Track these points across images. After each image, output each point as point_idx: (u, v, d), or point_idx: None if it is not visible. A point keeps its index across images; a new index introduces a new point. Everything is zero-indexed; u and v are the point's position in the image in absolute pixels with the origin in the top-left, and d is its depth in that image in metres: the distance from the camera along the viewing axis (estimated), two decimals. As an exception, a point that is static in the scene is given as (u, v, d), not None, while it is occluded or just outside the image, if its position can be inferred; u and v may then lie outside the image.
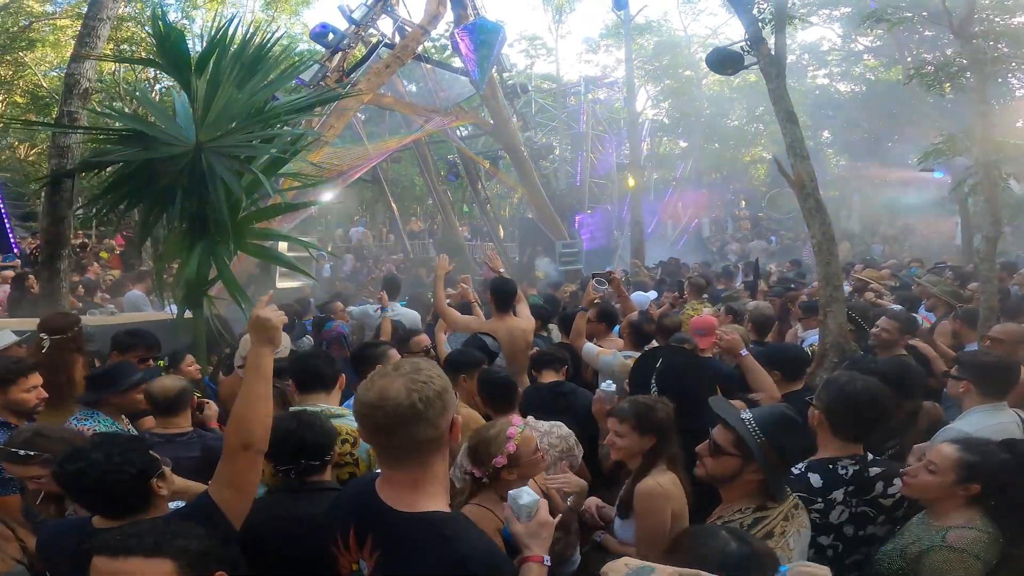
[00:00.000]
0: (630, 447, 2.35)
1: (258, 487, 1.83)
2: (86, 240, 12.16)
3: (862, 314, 4.39)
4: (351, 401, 3.14)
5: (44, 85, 15.74)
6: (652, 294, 6.86)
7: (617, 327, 4.58)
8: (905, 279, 7.09)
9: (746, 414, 1.95)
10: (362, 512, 1.39)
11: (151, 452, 1.78)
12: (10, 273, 8.81)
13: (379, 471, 1.43)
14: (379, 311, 4.87)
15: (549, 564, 1.51)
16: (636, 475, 2.33)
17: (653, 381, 2.85)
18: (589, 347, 3.96)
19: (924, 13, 6.94)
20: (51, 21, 16.11)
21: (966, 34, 5.06)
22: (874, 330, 3.76)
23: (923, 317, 5.42)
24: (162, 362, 4.30)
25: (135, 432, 2.99)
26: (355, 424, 2.17)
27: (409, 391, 1.30)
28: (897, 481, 2.08)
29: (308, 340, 5.09)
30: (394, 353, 3.06)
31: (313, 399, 2.65)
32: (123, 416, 2.98)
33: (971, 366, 2.68)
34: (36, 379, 2.73)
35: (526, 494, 1.53)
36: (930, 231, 17.96)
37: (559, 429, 2.79)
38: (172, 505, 1.84)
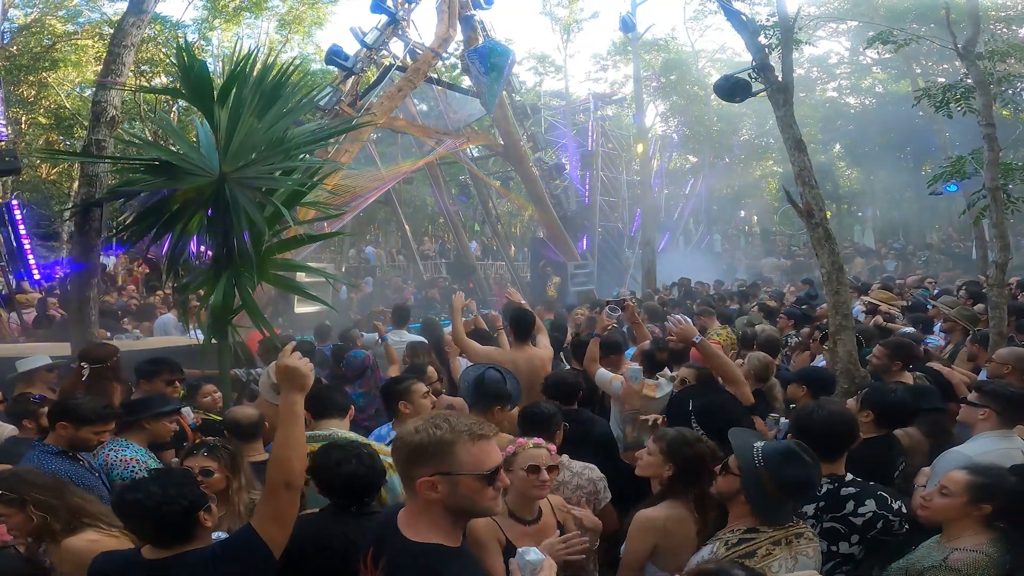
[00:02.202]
0: (651, 466, 2.47)
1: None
2: (104, 262, 12.37)
3: (866, 338, 4.43)
4: (380, 431, 3.25)
5: (67, 105, 16.09)
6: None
7: (632, 350, 4.64)
8: (918, 299, 7.08)
9: (760, 443, 2.10)
10: (382, 536, 1.57)
11: (199, 488, 1.94)
12: (35, 296, 9.04)
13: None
14: (379, 341, 4.97)
15: None
16: (648, 501, 2.43)
17: (692, 416, 2.92)
18: (602, 373, 4.00)
19: (932, 24, 6.98)
20: (73, 41, 16.42)
21: (971, 55, 5.12)
22: (869, 357, 3.90)
23: (941, 337, 5.45)
24: (182, 391, 4.42)
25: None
26: (387, 457, 2.30)
27: (407, 433, 1.53)
28: (869, 502, 2.25)
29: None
30: (419, 387, 3.14)
31: (326, 424, 2.80)
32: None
33: (996, 396, 2.74)
34: (110, 426, 2.83)
35: (533, 552, 1.62)
36: (946, 246, 17.82)
37: (591, 472, 2.83)
38: (215, 535, 1.98)
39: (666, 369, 3.84)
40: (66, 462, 2.68)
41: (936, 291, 7.94)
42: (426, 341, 5.31)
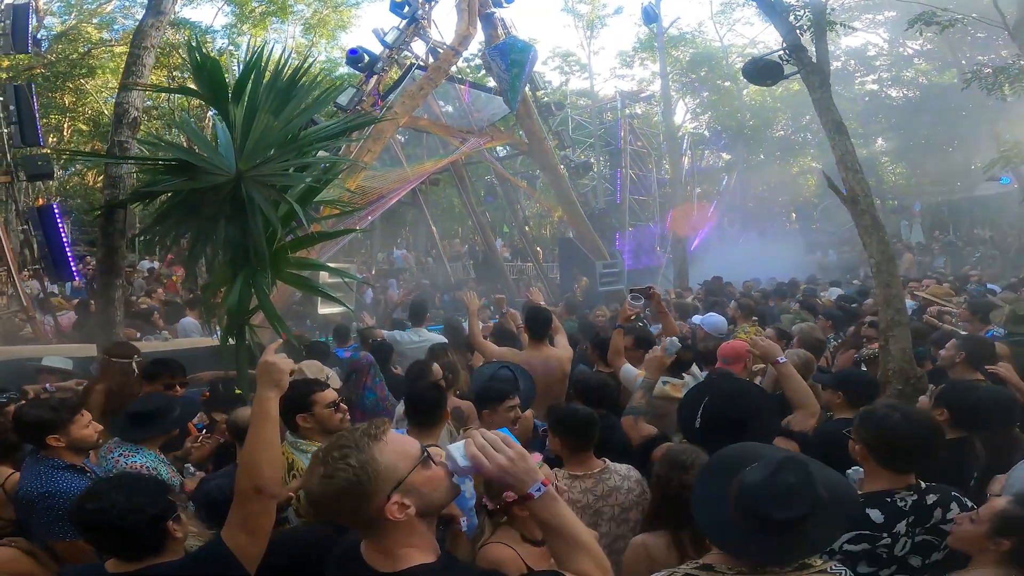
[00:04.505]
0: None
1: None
2: (152, 266, 12.66)
3: (918, 336, 4.09)
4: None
5: (106, 112, 16.54)
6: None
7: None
8: (974, 295, 6.61)
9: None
10: (349, 573, 1.38)
11: (168, 496, 1.79)
12: (75, 300, 9.29)
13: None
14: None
15: (539, 491, 1.35)
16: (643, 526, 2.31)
17: (699, 413, 2.67)
18: (628, 369, 3.75)
19: (974, 15, 6.60)
20: (108, 48, 16.85)
21: (1022, 35, 4.78)
22: (944, 351, 3.56)
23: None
24: (206, 394, 4.38)
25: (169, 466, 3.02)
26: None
27: (320, 483, 1.30)
28: (954, 505, 2.03)
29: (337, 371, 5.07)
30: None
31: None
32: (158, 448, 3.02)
33: None
34: (88, 415, 2.75)
35: (456, 451, 1.35)
36: (1002, 241, 16.87)
37: (635, 472, 2.65)
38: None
39: (694, 367, 3.59)
40: (75, 476, 2.59)
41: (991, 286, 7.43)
42: (446, 341, 5.15)
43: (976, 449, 2.59)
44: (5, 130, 8.48)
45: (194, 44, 4.11)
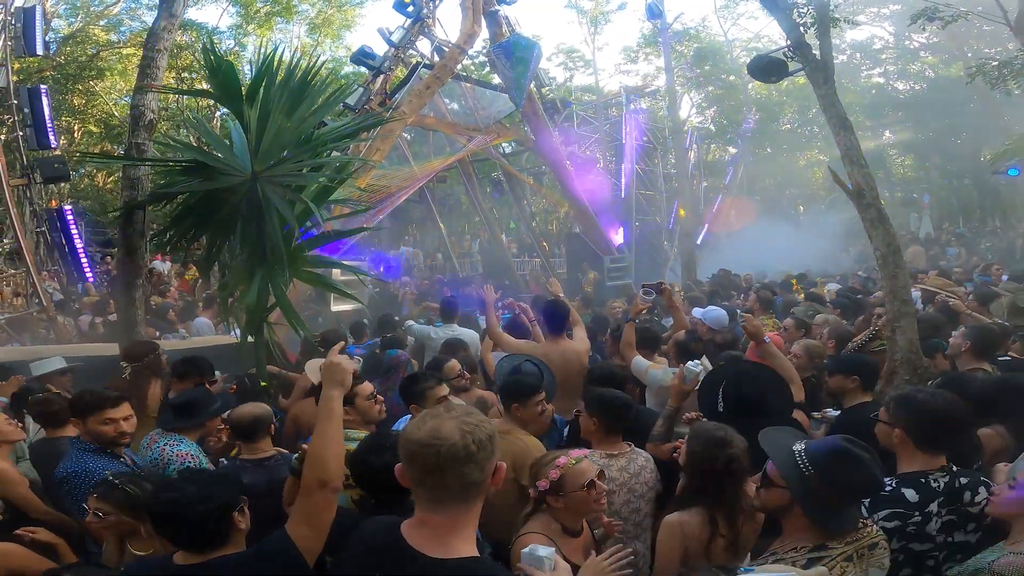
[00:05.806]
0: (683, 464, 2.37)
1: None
2: (154, 267, 12.76)
3: (935, 326, 4.14)
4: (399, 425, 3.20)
5: (115, 113, 16.65)
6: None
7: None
8: (980, 286, 6.63)
9: (800, 445, 1.87)
10: (388, 559, 1.39)
11: (237, 487, 1.87)
12: (91, 300, 9.42)
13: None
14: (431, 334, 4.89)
15: None
16: (674, 504, 2.37)
17: (720, 397, 2.77)
18: (639, 360, 3.85)
19: (979, 8, 6.63)
20: (117, 50, 16.95)
21: None
22: (952, 340, 3.62)
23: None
24: (234, 387, 4.49)
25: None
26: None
27: (463, 433, 1.34)
28: (982, 489, 2.11)
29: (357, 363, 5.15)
30: (442, 388, 3.02)
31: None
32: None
33: None
34: (119, 412, 2.75)
35: (542, 548, 1.57)
36: (1010, 231, 16.78)
37: (652, 463, 2.74)
38: None
39: (704, 359, 3.66)
40: (104, 459, 2.69)
41: (1006, 276, 7.46)
42: (464, 339, 5.25)
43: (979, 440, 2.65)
44: (20, 133, 8.59)
45: (208, 46, 4.19)
